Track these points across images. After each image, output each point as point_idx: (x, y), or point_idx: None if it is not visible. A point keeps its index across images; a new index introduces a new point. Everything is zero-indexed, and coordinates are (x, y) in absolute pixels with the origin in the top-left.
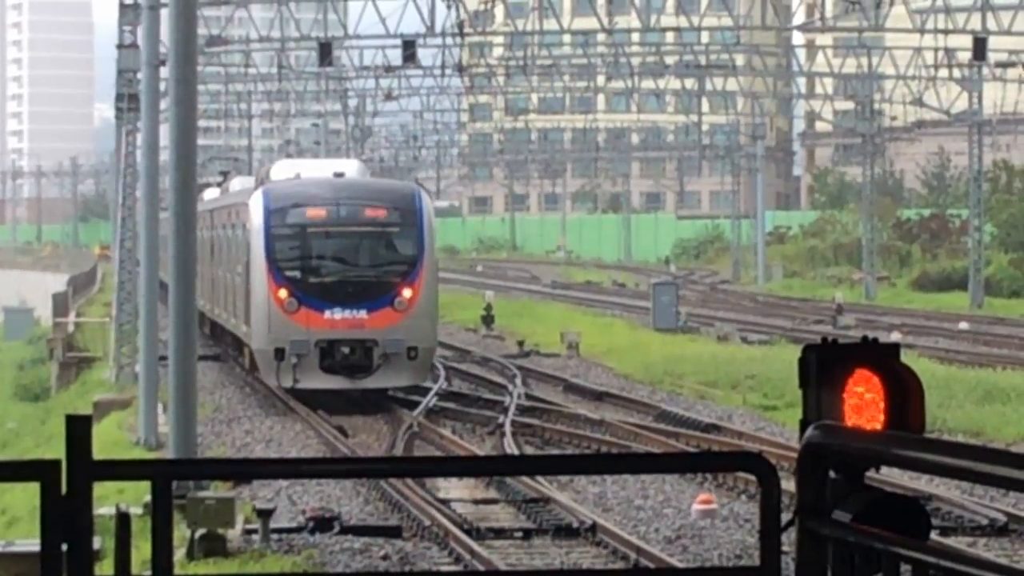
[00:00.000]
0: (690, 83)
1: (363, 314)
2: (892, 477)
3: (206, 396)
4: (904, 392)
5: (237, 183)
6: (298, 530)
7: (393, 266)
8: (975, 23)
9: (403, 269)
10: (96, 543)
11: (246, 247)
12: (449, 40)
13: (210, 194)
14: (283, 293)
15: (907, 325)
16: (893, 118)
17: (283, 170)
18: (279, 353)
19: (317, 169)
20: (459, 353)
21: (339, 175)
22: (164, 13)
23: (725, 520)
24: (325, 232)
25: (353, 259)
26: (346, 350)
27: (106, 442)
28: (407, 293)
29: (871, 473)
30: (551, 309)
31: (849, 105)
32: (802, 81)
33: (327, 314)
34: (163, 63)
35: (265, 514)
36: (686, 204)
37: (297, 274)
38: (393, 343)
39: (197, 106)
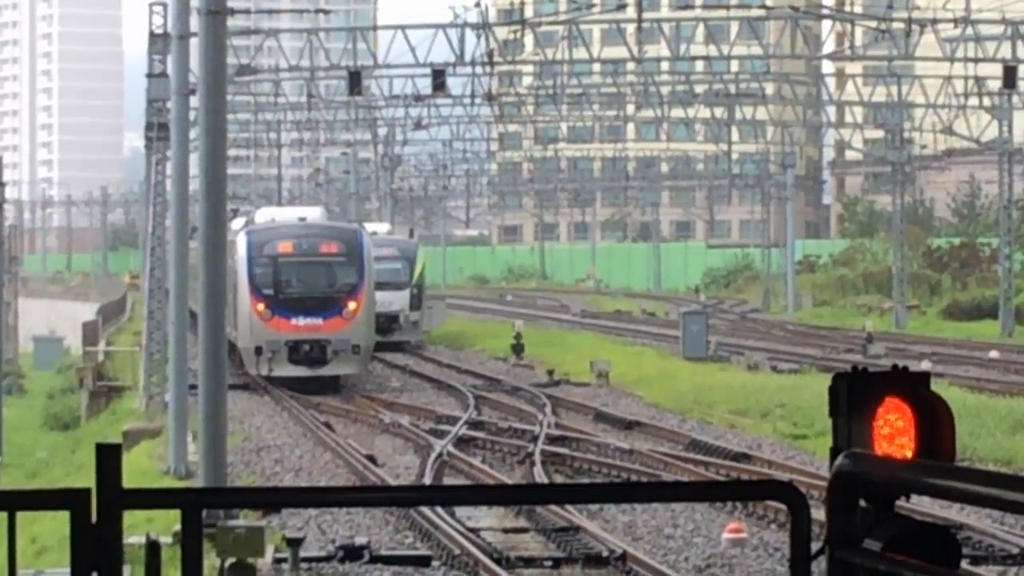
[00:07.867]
0: (720, 112)
1: (320, 321)
2: (922, 506)
3: (235, 425)
4: (934, 421)
5: (234, 223)
6: (328, 559)
7: (341, 286)
8: (1005, 51)
9: (348, 288)
10: (126, 572)
11: (235, 272)
12: (479, 69)
13: None
14: (261, 306)
15: (937, 354)
16: (923, 147)
17: (264, 215)
18: (258, 350)
19: (289, 215)
20: (489, 382)
21: (302, 219)
22: (194, 42)
23: (755, 549)
24: (292, 261)
25: (312, 281)
26: (307, 347)
27: (136, 471)
28: (352, 305)
29: (901, 502)
30: (581, 338)
31: (879, 134)
32: (832, 110)
33: (293, 321)
34: (193, 92)
35: (295, 543)
36: (716, 233)
37: (271, 291)
38: (341, 342)
39: (227, 135)
